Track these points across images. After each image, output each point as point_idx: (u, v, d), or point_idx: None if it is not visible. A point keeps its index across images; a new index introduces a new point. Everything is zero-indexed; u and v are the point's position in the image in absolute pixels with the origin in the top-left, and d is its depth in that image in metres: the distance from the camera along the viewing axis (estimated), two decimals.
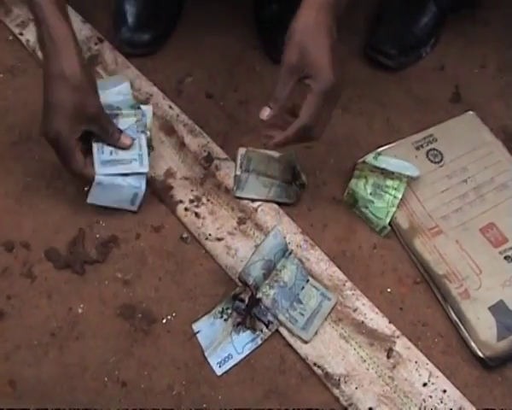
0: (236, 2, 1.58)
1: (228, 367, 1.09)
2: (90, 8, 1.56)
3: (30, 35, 1.49)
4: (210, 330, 1.12)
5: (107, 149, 1.18)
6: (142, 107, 1.25)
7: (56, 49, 1.07)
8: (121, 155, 1.19)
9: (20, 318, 1.14)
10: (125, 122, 1.21)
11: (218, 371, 1.09)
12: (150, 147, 1.24)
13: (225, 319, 1.12)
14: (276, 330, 1.12)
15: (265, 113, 1.12)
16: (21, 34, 1.50)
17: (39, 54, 1.43)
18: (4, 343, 1.12)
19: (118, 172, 1.18)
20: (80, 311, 1.15)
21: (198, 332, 1.12)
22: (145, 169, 1.20)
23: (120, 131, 1.18)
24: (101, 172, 1.17)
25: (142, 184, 1.20)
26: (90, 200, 1.20)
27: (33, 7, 1.08)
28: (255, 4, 1.55)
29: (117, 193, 1.20)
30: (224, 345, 1.10)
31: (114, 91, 1.24)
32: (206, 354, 1.10)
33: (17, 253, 1.21)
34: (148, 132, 1.24)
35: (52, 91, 1.09)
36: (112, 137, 1.16)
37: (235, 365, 1.09)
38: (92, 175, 1.16)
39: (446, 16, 1.55)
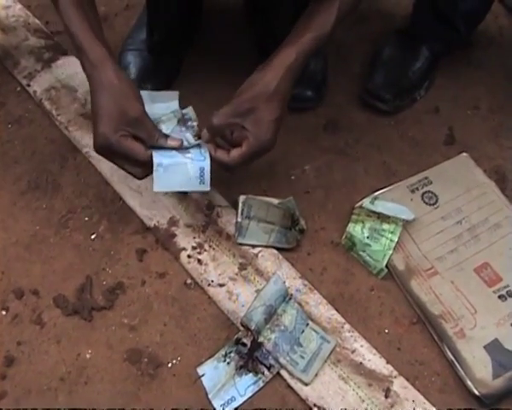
0: (236, 52, 1.61)
1: (231, 409, 1.11)
2: None
3: (37, 86, 1.53)
4: (214, 373, 1.14)
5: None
6: (168, 93, 1.29)
7: (95, 70, 1.11)
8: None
9: (30, 363, 1.17)
10: (167, 127, 1.22)
11: None
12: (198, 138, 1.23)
13: (228, 363, 1.15)
14: (278, 373, 1.14)
15: (205, 136, 1.19)
16: (29, 85, 1.53)
17: (46, 104, 1.48)
18: (15, 388, 1.14)
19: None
20: (88, 356, 1.17)
21: (202, 376, 1.14)
22: (205, 149, 1.18)
23: (166, 136, 1.16)
24: (157, 154, 1.14)
25: (206, 157, 1.17)
26: (155, 187, 1.16)
27: (71, 37, 1.13)
28: (259, 56, 1.58)
29: (182, 173, 1.16)
30: (228, 388, 1.12)
31: (162, 106, 1.26)
32: (209, 396, 1.12)
33: (27, 300, 1.23)
34: (195, 123, 1.27)
35: (96, 105, 1.11)
36: (158, 141, 1.14)
37: (238, 407, 1.11)
38: (149, 155, 1.14)
39: (439, 60, 1.59)
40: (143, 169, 1.16)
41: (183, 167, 1.16)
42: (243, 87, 1.18)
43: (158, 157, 1.14)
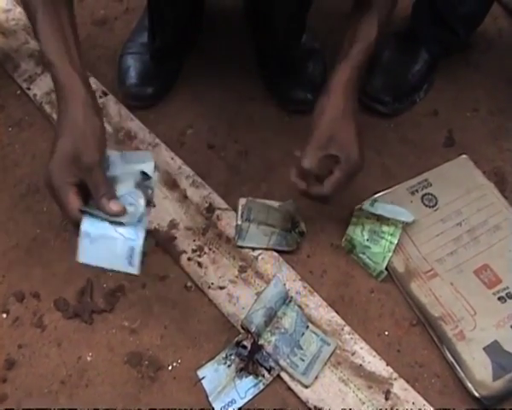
0: (236, 56, 1.61)
1: None
2: (94, 62, 1.59)
3: (37, 89, 1.52)
4: (214, 375, 1.14)
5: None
6: (142, 153, 1.21)
7: (64, 98, 1.06)
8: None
9: (31, 366, 1.17)
10: (123, 187, 1.08)
11: None
12: (151, 204, 1.15)
13: (229, 365, 1.15)
14: (278, 375, 1.14)
15: (293, 176, 1.21)
16: (29, 89, 1.53)
17: (46, 108, 1.48)
18: (16, 391, 1.14)
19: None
20: (89, 359, 1.18)
21: (203, 378, 1.14)
22: (142, 227, 1.06)
23: (112, 196, 1.05)
24: (87, 221, 1.04)
25: (139, 237, 1.04)
26: (80, 258, 1.06)
27: (48, 63, 1.07)
28: (258, 60, 1.60)
29: (109, 249, 1.05)
30: (228, 390, 1.13)
31: (136, 168, 1.11)
32: (210, 399, 1.12)
33: (27, 303, 1.24)
34: (150, 191, 1.11)
35: (56, 138, 1.06)
36: (101, 199, 1.04)
37: (239, 409, 1.12)
38: (79, 218, 1.04)
39: (438, 62, 1.59)
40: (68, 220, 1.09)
41: (111, 243, 1.04)
42: (315, 119, 1.19)
43: (87, 224, 1.03)
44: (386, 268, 1.26)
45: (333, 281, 1.27)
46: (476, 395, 1.13)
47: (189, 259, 1.27)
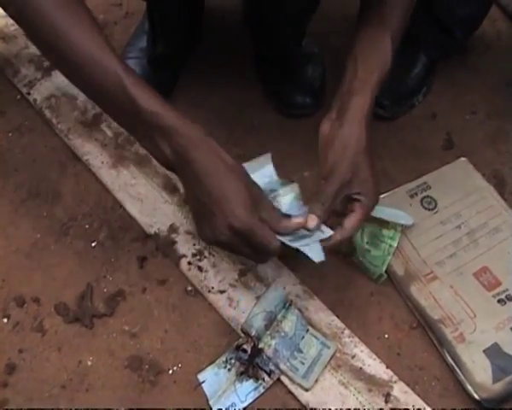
0: (233, 62, 1.62)
1: None
2: None
3: (37, 94, 1.52)
4: (214, 379, 1.14)
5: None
6: (262, 158, 1.19)
7: (196, 151, 1.00)
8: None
9: (32, 371, 1.17)
10: (286, 201, 1.13)
11: None
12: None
13: (229, 369, 1.15)
14: (278, 379, 1.15)
15: (313, 223, 1.08)
16: (29, 94, 1.53)
17: (46, 112, 1.48)
18: (16, 396, 1.14)
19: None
20: (89, 363, 1.18)
21: (203, 382, 1.14)
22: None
23: (287, 215, 1.07)
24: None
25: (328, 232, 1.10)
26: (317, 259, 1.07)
27: (147, 116, 0.98)
28: (257, 64, 1.60)
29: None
30: (228, 394, 1.13)
31: (260, 174, 1.15)
32: (210, 402, 1.12)
33: (28, 307, 1.24)
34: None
35: (214, 188, 1.00)
36: (281, 224, 1.05)
37: None
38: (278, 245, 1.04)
39: (437, 65, 1.60)
40: (267, 256, 1.09)
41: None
42: (337, 154, 1.10)
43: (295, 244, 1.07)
44: (386, 271, 1.26)
45: (333, 284, 1.27)
46: (476, 397, 1.13)
47: (189, 263, 1.27)
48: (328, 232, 1.10)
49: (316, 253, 1.07)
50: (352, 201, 1.11)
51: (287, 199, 1.13)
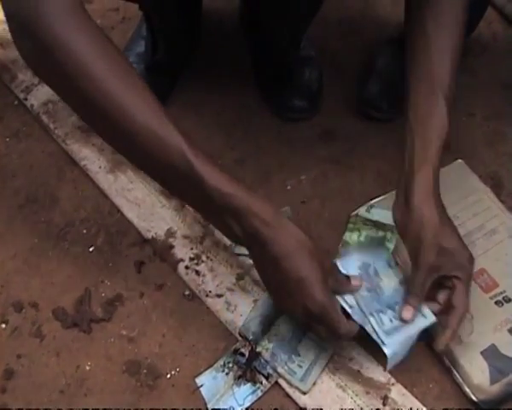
0: (231, 66, 1.62)
1: None
2: None
3: (34, 100, 1.53)
4: (212, 383, 1.14)
5: (384, 317, 1.10)
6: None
7: (272, 230, 0.98)
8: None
9: (30, 376, 1.17)
10: (387, 285, 1.14)
11: None
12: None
13: (227, 373, 1.15)
14: (276, 382, 1.15)
15: (409, 313, 1.08)
16: (26, 99, 1.53)
17: (43, 118, 1.49)
18: (15, 402, 1.14)
19: (407, 335, 1.10)
20: (88, 368, 1.18)
21: (201, 386, 1.14)
22: (432, 318, 1.10)
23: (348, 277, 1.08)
24: (390, 341, 1.07)
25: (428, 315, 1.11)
26: (388, 368, 1.09)
27: (221, 197, 0.96)
28: (254, 68, 1.60)
29: (410, 343, 1.10)
30: (226, 398, 1.13)
31: (372, 252, 1.18)
32: (208, 406, 1.12)
33: (26, 313, 1.24)
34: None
35: (290, 269, 1.00)
36: (343, 287, 1.07)
37: None
38: (354, 330, 1.05)
39: None
40: (338, 338, 1.08)
41: (410, 340, 1.10)
42: (413, 243, 1.08)
43: (391, 349, 1.07)
44: None
45: None
46: (474, 399, 1.13)
47: (186, 267, 1.27)
48: (430, 318, 1.10)
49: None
50: (451, 277, 1.08)
51: (390, 284, 1.15)
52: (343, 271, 1.11)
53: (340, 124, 1.51)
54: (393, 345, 1.07)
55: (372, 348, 1.12)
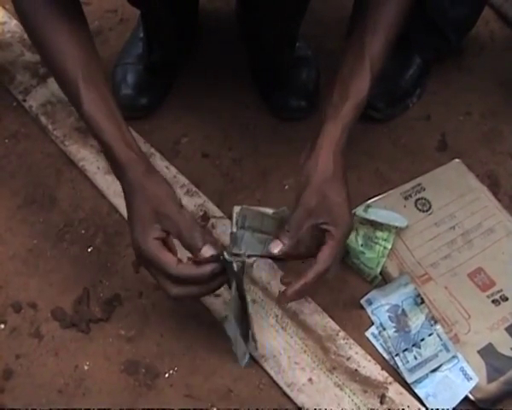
0: (228, 66, 1.62)
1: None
2: None
3: (32, 101, 1.53)
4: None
5: (410, 355, 1.16)
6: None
7: (128, 179, 1.06)
8: (425, 354, 1.16)
9: (29, 376, 1.18)
10: (414, 322, 1.20)
11: None
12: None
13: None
14: (274, 382, 1.15)
15: (277, 248, 1.08)
16: (24, 100, 1.54)
17: (42, 119, 1.49)
18: (14, 402, 1.15)
19: (429, 370, 1.15)
20: (86, 368, 1.18)
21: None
22: (453, 352, 1.16)
23: (205, 242, 1.06)
24: (413, 379, 1.14)
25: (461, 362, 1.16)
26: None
27: (100, 137, 1.07)
28: (251, 68, 1.60)
29: (451, 389, 1.14)
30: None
31: (399, 293, 1.23)
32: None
33: (25, 313, 1.24)
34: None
35: (128, 208, 1.08)
36: (192, 242, 1.06)
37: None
38: (191, 273, 1.05)
39: (430, 66, 1.60)
40: (176, 285, 1.06)
41: (448, 384, 1.15)
42: (302, 183, 1.09)
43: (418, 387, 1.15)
44: (381, 273, 1.27)
45: (327, 287, 1.27)
46: (471, 397, 1.13)
47: None
48: (453, 351, 1.16)
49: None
50: (323, 232, 1.08)
51: (418, 321, 1.20)
52: (374, 319, 1.21)
53: None
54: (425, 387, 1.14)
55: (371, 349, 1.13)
